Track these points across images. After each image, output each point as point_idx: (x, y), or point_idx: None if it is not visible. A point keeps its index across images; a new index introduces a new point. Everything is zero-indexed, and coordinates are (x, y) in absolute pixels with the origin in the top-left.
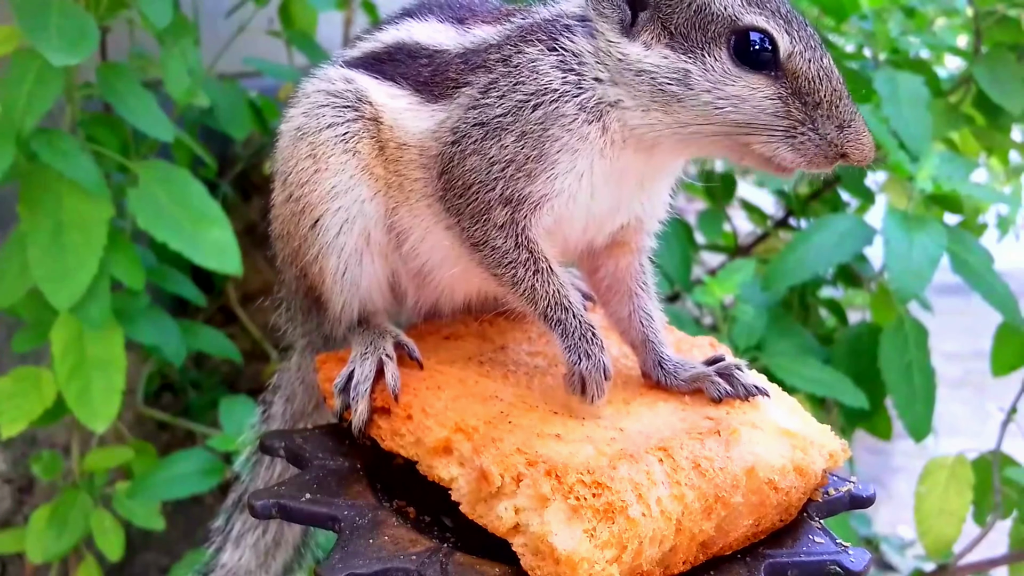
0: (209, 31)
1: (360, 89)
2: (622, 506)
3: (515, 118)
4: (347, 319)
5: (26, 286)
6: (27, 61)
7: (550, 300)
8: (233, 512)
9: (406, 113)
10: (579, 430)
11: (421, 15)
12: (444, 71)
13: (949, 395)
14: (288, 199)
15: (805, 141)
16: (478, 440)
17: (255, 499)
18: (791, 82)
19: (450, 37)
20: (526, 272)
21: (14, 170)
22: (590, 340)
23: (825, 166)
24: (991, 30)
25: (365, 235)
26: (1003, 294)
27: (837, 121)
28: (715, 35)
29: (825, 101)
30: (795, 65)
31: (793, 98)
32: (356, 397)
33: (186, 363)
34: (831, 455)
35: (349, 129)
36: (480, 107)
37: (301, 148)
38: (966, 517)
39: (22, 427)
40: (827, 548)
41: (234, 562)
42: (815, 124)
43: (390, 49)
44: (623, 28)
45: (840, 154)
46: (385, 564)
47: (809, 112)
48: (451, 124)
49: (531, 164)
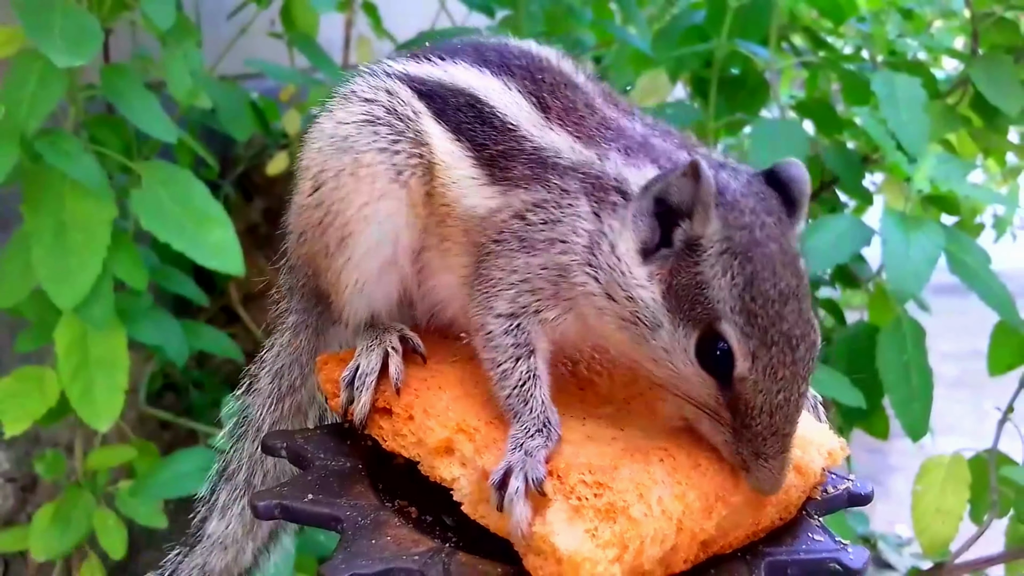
0: (211, 32)
1: (425, 130)
2: (624, 506)
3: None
4: (353, 322)
5: (29, 286)
6: (30, 62)
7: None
8: (217, 482)
9: (465, 182)
10: (580, 430)
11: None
12: (513, 161)
13: (946, 394)
14: (317, 205)
15: (722, 434)
16: (480, 441)
17: (257, 500)
18: (733, 398)
19: (529, 121)
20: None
21: (17, 171)
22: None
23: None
24: (988, 32)
25: (392, 261)
26: (1000, 294)
27: (755, 450)
28: (696, 317)
29: (756, 430)
30: (743, 388)
31: (728, 409)
32: (361, 388)
33: (188, 363)
34: (830, 453)
35: (405, 163)
36: (527, 220)
37: (344, 160)
38: (963, 516)
39: (25, 426)
40: (826, 546)
41: (220, 531)
42: (737, 436)
43: (459, 95)
44: (644, 249)
45: (744, 470)
46: (388, 564)
47: (735, 425)
48: (499, 221)
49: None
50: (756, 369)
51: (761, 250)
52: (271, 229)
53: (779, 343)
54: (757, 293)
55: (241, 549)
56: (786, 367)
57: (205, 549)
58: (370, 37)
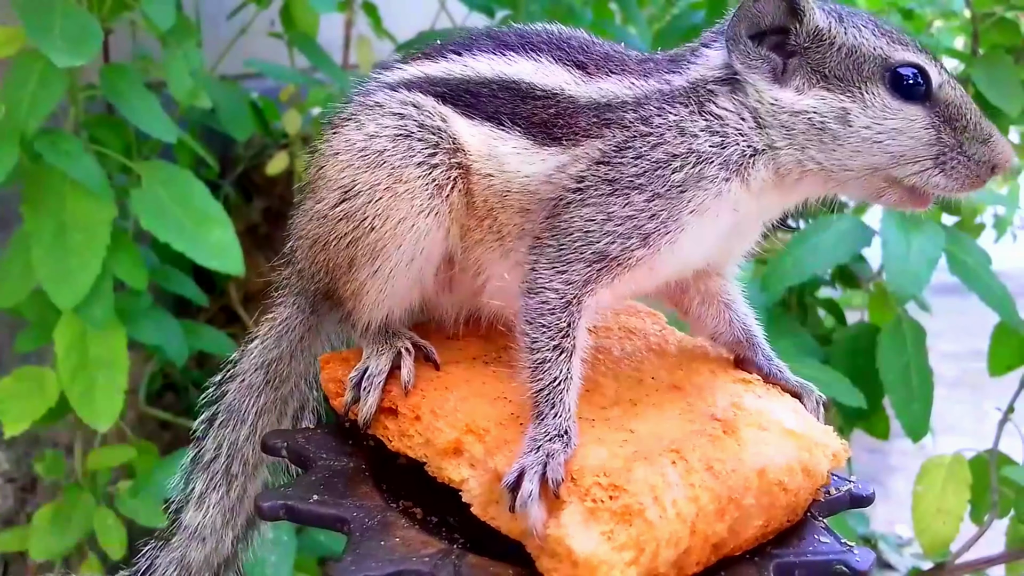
0: (211, 33)
1: (456, 134)
2: (639, 508)
3: (650, 179)
4: (362, 327)
5: (29, 286)
6: (31, 62)
7: (546, 387)
8: (192, 471)
9: (513, 157)
10: (590, 432)
11: (527, 51)
12: (572, 119)
13: (947, 395)
14: (345, 217)
15: (956, 166)
16: (490, 442)
17: (262, 500)
18: (942, 110)
19: (569, 81)
20: (549, 342)
21: (17, 171)
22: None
23: (978, 185)
24: (988, 32)
25: (419, 279)
26: (1000, 294)
27: (981, 138)
28: (870, 74)
29: (971, 124)
30: (945, 94)
31: (945, 125)
32: (368, 388)
33: (188, 363)
34: (834, 455)
35: (445, 177)
36: (612, 164)
37: (379, 175)
38: (963, 516)
39: (25, 426)
40: (832, 548)
41: (198, 522)
42: (963, 148)
43: (490, 84)
44: (775, 76)
45: (991, 168)
46: (398, 566)
47: (958, 136)
48: (576, 171)
49: (654, 225)
50: (942, 72)
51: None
52: (271, 229)
53: (928, 52)
54: (888, 29)
55: (220, 539)
56: (943, 66)
57: (182, 541)
58: (370, 37)
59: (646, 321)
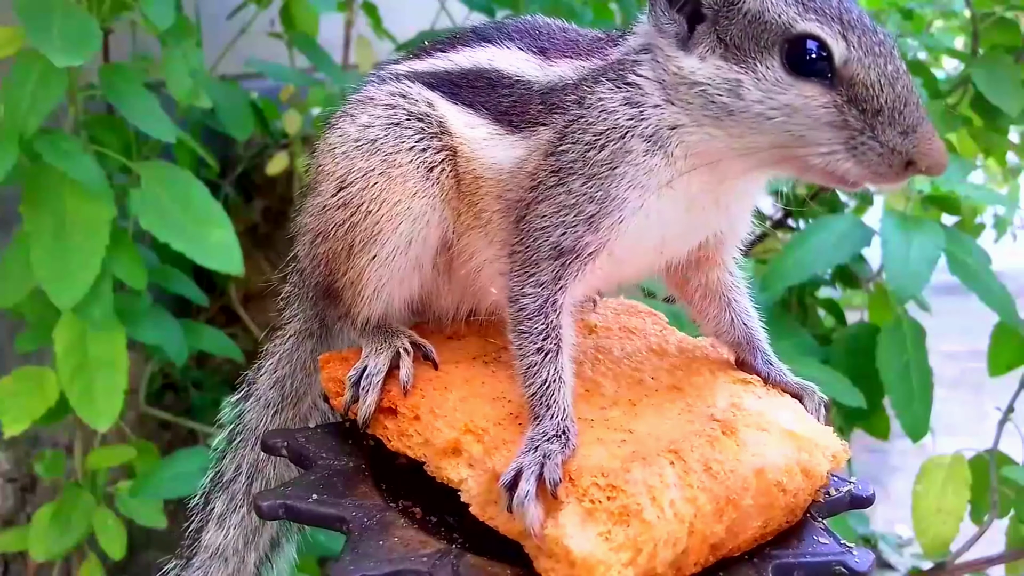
0: (211, 32)
1: (442, 117)
2: (637, 509)
3: (584, 161)
4: (361, 321)
5: (29, 286)
6: (30, 62)
7: (538, 390)
8: (211, 490)
9: (485, 143)
10: (589, 432)
11: (501, 41)
12: (525, 105)
13: (946, 395)
14: (343, 205)
15: (866, 151)
16: (489, 442)
17: (261, 500)
18: (847, 89)
19: (532, 68)
20: (531, 346)
21: (17, 171)
22: (553, 443)
23: (892, 178)
24: (989, 32)
25: (418, 265)
26: (1000, 294)
27: (901, 127)
28: (768, 44)
29: (886, 108)
30: (851, 71)
31: (850, 106)
32: (367, 388)
33: (188, 363)
34: (834, 456)
35: (434, 159)
36: (556, 153)
37: (373, 162)
38: (963, 516)
39: (25, 426)
40: (832, 548)
41: (219, 542)
42: (875, 132)
43: (468, 75)
44: (680, 42)
45: (906, 162)
46: (397, 566)
47: (868, 120)
48: (530, 169)
49: (595, 207)
50: (852, 46)
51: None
52: (271, 229)
53: (856, 26)
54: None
55: (242, 560)
56: (877, 44)
57: (204, 562)
58: (370, 37)
59: (646, 321)
